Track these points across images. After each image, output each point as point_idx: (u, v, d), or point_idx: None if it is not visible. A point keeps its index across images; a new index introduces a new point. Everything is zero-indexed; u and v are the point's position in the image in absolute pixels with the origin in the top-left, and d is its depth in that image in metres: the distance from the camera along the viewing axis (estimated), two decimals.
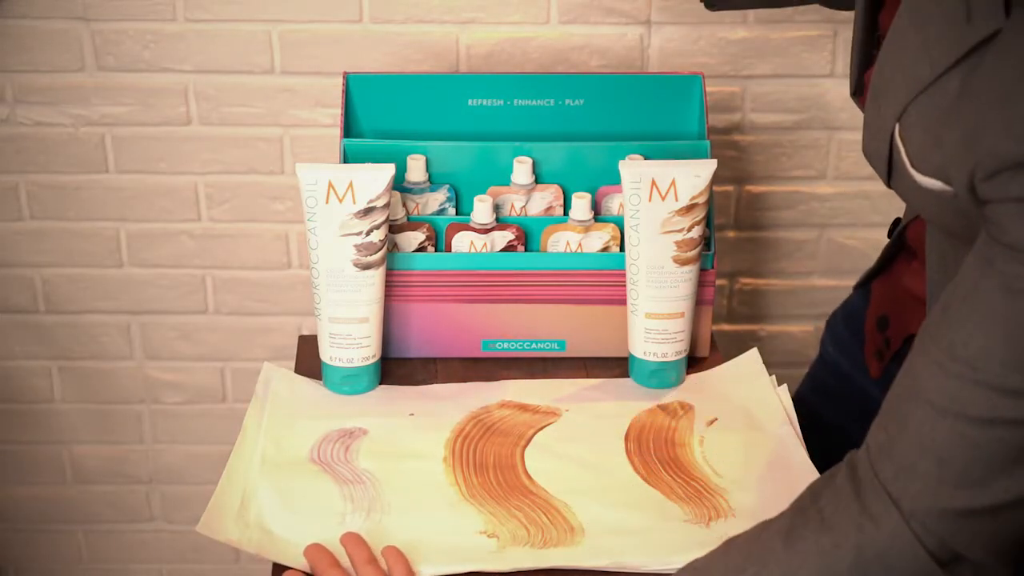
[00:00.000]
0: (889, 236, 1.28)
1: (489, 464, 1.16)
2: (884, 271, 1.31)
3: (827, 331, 1.42)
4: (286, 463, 1.15)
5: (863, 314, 1.33)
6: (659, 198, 1.21)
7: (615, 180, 1.25)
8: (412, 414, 1.23)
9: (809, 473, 1.14)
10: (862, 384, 1.31)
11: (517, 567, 1.03)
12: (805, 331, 1.80)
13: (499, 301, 1.30)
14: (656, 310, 1.24)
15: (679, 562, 1.03)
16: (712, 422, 1.22)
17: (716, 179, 1.25)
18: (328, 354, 1.25)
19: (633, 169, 1.21)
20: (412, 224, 1.31)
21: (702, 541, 1.05)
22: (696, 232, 1.23)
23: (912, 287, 1.23)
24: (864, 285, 1.34)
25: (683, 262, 1.23)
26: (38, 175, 1.70)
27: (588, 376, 1.30)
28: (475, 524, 1.08)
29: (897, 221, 1.29)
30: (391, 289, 1.28)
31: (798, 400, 1.42)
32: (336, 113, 1.63)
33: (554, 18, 1.62)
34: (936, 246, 1.08)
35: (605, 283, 1.29)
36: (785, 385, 1.28)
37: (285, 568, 1.04)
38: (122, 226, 1.73)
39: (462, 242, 1.30)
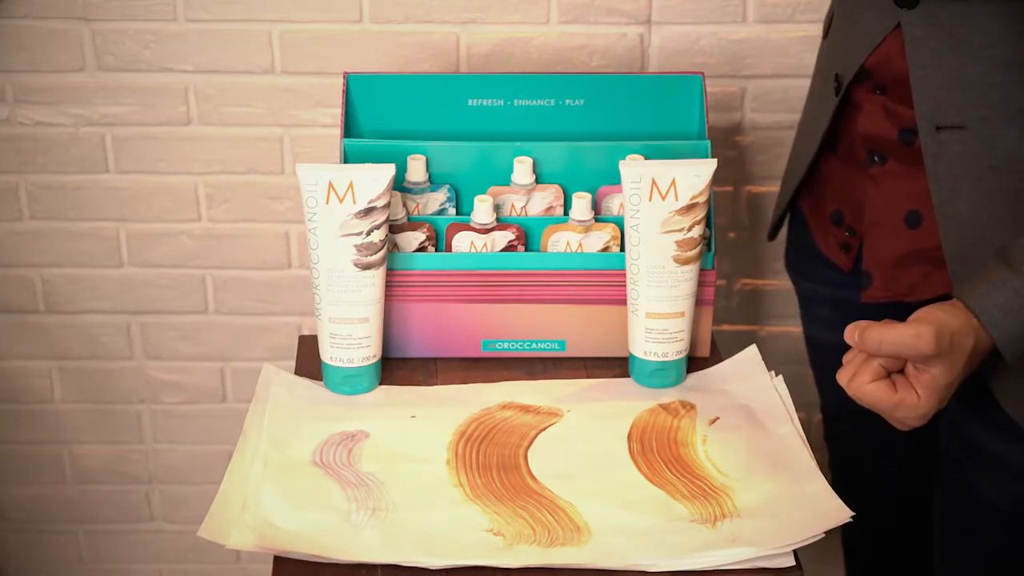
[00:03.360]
0: (837, 93, 1.29)
1: (492, 465, 1.16)
2: (808, 183, 1.37)
3: (792, 273, 1.49)
4: (288, 466, 1.15)
5: (808, 233, 1.40)
6: (659, 198, 1.21)
7: (615, 180, 1.25)
8: (413, 416, 1.23)
9: (812, 472, 1.14)
10: (842, 295, 1.37)
11: (525, 564, 1.03)
12: None
13: (499, 301, 1.30)
14: (656, 310, 1.24)
15: (687, 562, 1.03)
16: (714, 421, 1.22)
17: (716, 179, 1.25)
18: (328, 354, 1.25)
19: (633, 169, 1.21)
20: (412, 224, 1.31)
21: (709, 541, 1.06)
22: (696, 232, 1.23)
23: (846, 179, 1.28)
24: (791, 209, 1.41)
25: (683, 262, 1.23)
26: (38, 175, 1.70)
27: (588, 376, 1.30)
28: (481, 522, 1.08)
29: (837, 78, 1.30)
30: (391, 289, 1.28)
31: (808, 342, 1.47)
32: (336, 113, 1.63)
33: (554, 18, 1.62)
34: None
35: (605, 283, 1.29)
36: (781, 376, 1.28)
37: (287, 563, 1.04)
38: (122, 226, 1.73)
39: (462, 242, 1.30)
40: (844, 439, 1.49)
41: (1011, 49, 1.11)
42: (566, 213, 1.34)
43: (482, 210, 1.29)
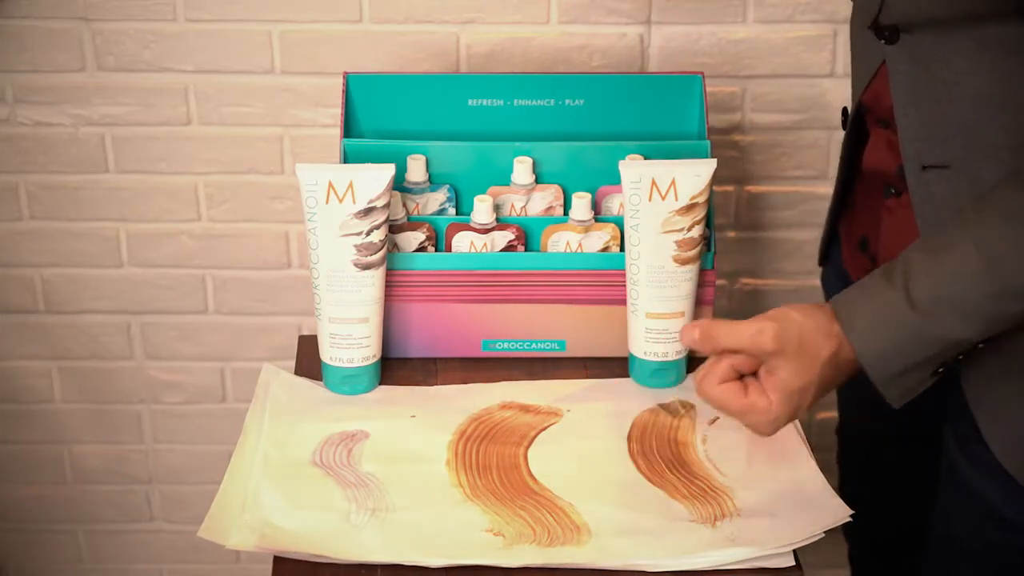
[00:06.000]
0: (844, 127, 1.28)
1: (492, 465, 1.16)
2: (845, 206, 1.33)
3: (826, 292, 1.44)
4: (288, 466, 1.15)
5: (840, 256, 1.36)
6: (659, 198, 1.21)
7: (615, 180, 1.25)
8: (413, 416, 1.23)
9: (812, 472, 1.14)
10: None
11: (525, 564, 1.03)
12: None
13: (499, 301, 1.30)
14: (656, 310, 1.24)
15: (687, 562, 1.03)
16: (714, 421, 1.22)
17: (716, 179, 1.25)
18: (328, 354, 1.25)
19: (633, 169, 1.21)
20: (412, 224, 1.31)
21: (709, 541, 1.06)
22: (696, 232, 1.23)
23: (871, 206, 1.25)
24: (832, 235, 1.37)
25: (683, 262, 1.23)
26: (38, 175, 1.70)
27: (588, 376, 1.30)
28: (481, 522, 1.08)
29: (844, 112, 1.29)
30: (391, 289, 1.28)
31: None
32: (336, 113, 1.63)
33: (554, 18, 1.62)
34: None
35: (605, 283, 1.29)
36: None
37: (287, 563, 1.04)
38: (122, 226, 1.73)
39: (462, 242, 1.30)
40: (857, 460, 1.48)
41: (983, 86, 1.08)
42: (566, 213, 1.34)
43: (482, 210, 1.29)
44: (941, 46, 1.09)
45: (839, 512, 1.08)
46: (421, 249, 1.30)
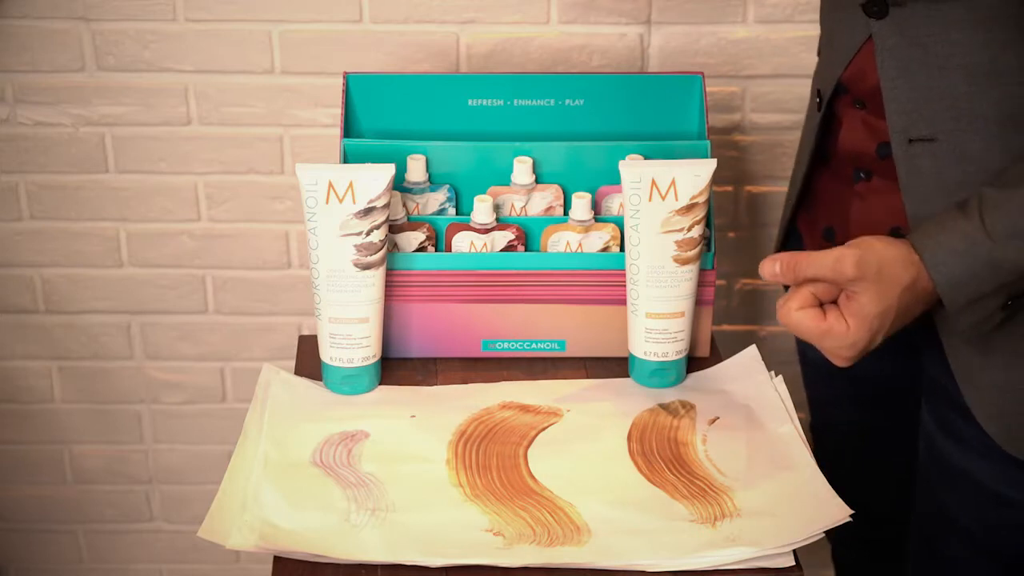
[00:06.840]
0: (820, 109, 1.28)
1: (492, 465, 1.16)
2: (804, 201, 1.34)
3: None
4: (288, 466, 1.15)
5: (803, 250, 1.36)
6: (659, 198, 1.21)
7: (615, 180, 1.25)
8: (413, 416, 1.23)
9: (812, 472, 1.14)
10: None
11: (525, 564, 1.03)
12: None
13: (499, 301, 1.30)
14: (657, 310, 1.24)
15: (687, 562, 1.03)
16: (714, 421, 1.22)
17: (716, 179, 1.25)
18: (328, 354, 1.25)
19: (633, 169, 1.21)
20: (412, 224, 1.31)
21: (709, 541, 1.06)
22: (696, 232, 1.23)
23: (836, 195, 1.26)
24: (789, 233, 1.38)
25: (683, 262, 1.23)
26: (38, 175, 1.70)
27: (588, 376, 1.30)
28: (481, 522, 1.08)
29: (819, 94, 1.29)
30: (391, 289, 1.28)
31: (800, 361, 1.44)
32: (336, 113, 1.63)
33: (554, 18, 1.62)
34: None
35: (605, 283, 1.29)
36: (781, 376, 1.28)
37: (287, 564, 1.04)
38: (122, 226, 1.73)
39: (462, 242, 1.30)
40: (831, 457, 1.48)
41: (976, 58, 1.09)
42: (566, 213, 1.34)
43: (482, 210, 1.29)
44: (935, 18, 1.10)
45: (839, 512, 1.08)
46: (421, 249, 1.30)
